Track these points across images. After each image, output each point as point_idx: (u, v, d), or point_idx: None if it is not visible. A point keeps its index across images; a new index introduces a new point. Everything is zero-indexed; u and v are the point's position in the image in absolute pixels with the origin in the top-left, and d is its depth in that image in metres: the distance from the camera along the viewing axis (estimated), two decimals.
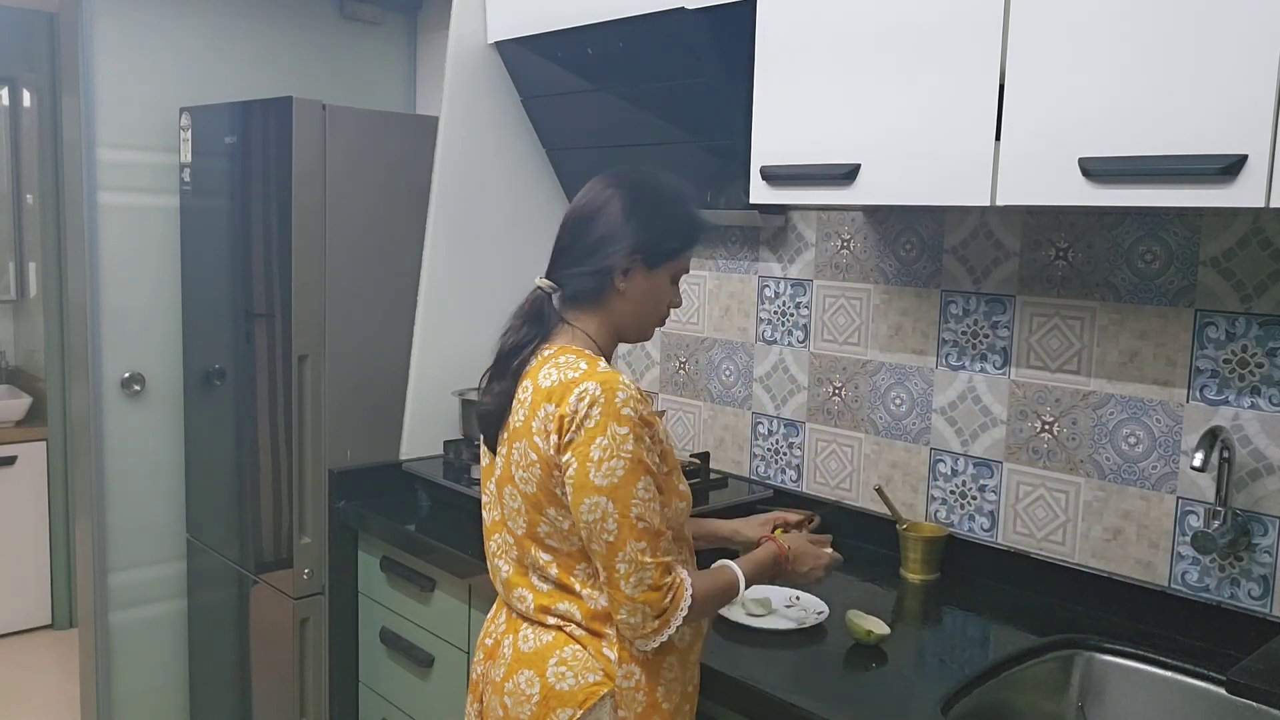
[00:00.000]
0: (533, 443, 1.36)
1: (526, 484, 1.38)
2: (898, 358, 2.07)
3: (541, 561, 1.41)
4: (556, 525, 1.37)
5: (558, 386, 1.34)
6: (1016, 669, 1.58)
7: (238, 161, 2.61)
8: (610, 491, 1.30)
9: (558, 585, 1.40)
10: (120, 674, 2.92)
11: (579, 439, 1.30)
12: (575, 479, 1.31)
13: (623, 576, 1.31)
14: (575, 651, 1.38)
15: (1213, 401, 1.66)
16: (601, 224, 1.40)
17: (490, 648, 1.50)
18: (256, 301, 2.59)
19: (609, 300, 1.43)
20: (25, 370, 4.35)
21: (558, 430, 1.32)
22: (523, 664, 1.41)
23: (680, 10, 1.94)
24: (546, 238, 2.61)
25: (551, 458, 1.34)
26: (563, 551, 1.39)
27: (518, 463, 1.39)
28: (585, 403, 1.30)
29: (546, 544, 1.40)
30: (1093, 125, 1.38)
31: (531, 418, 1.36)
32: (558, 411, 1.33)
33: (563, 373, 1.35)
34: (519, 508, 1.41)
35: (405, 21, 3.22)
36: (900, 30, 1.58)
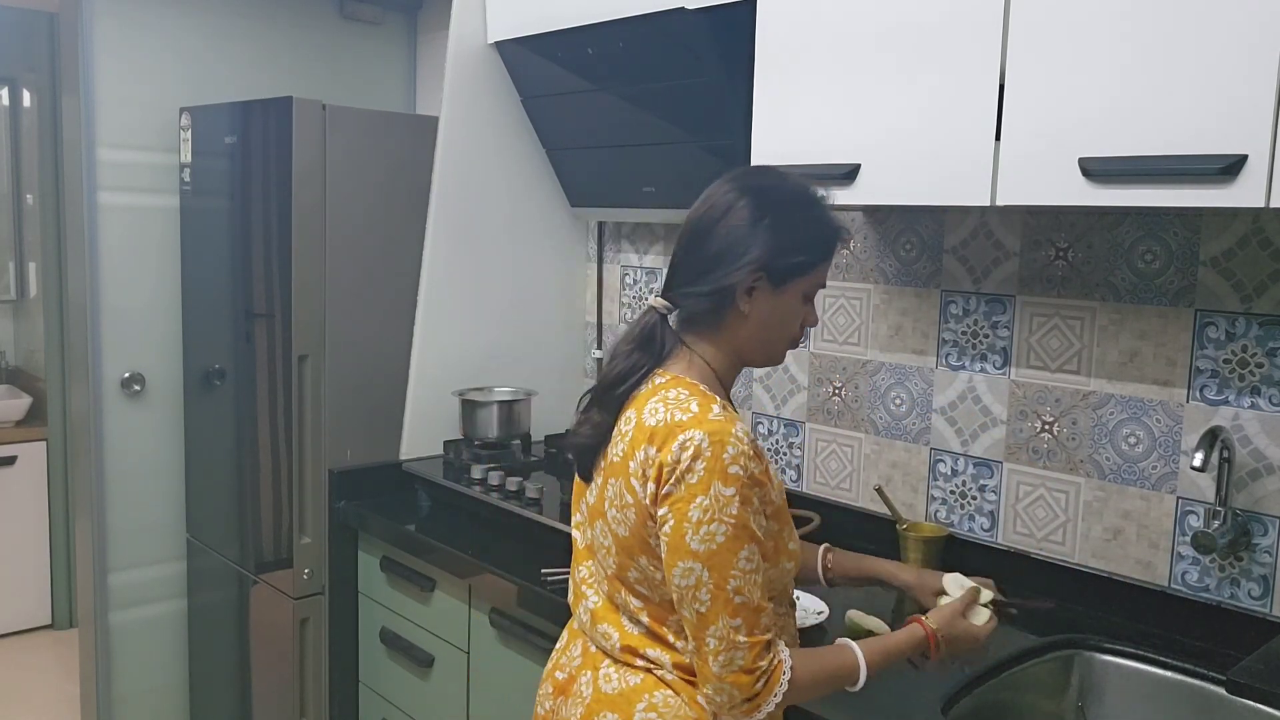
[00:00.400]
0: (629, 484, 1.22)
1: (619, 525, 1.25)
2: (898, 358, 2.07)
3: (633, 606, 1.28)
4: (647, 574, 1.24)
5: (662, 428, 1.19)
6: (1016, 669, 1.58)
7: (238, 161, 2.61)
8: (707, 559, 1.15)
9: (649, 632, 1.27)
10: (120, 674, 2.92)
11: (678, 494, 1.16)
12: (670, 539, 1.17)
13: (712, 653, 1.17)
14: (667, 697, 1.24)
15: (1213, 401, 1.66)
16: (721, 235, 1.23)
17: (562, 682, 1.37)
18: (256, 301, 2.59)
19: (730, 322, 1.26)
20: (25, 370, 4.35)
21: (656, 479, 1.18)
22: (604, 706, 1.27)
23: (680, 10, 1.94)
24: (546, 237, 2.64)
25: (647, 506, 1.20)
26: (654, 600, 1.26)
27: (612, 500, 1.26)
28: (689, 454, 1.15)
29: (636, 590, 1.27)
30: (1093, 125, 1.38)
31: (630, 456, 1.22)
32: (658, 458, 1.18)
33: (670, 412, 1.20)
34: (610, 546, 1.28)
35: (405, 21, 3.22)
36: (900, 30, 1.58)
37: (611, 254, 2.70)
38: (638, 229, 2.62)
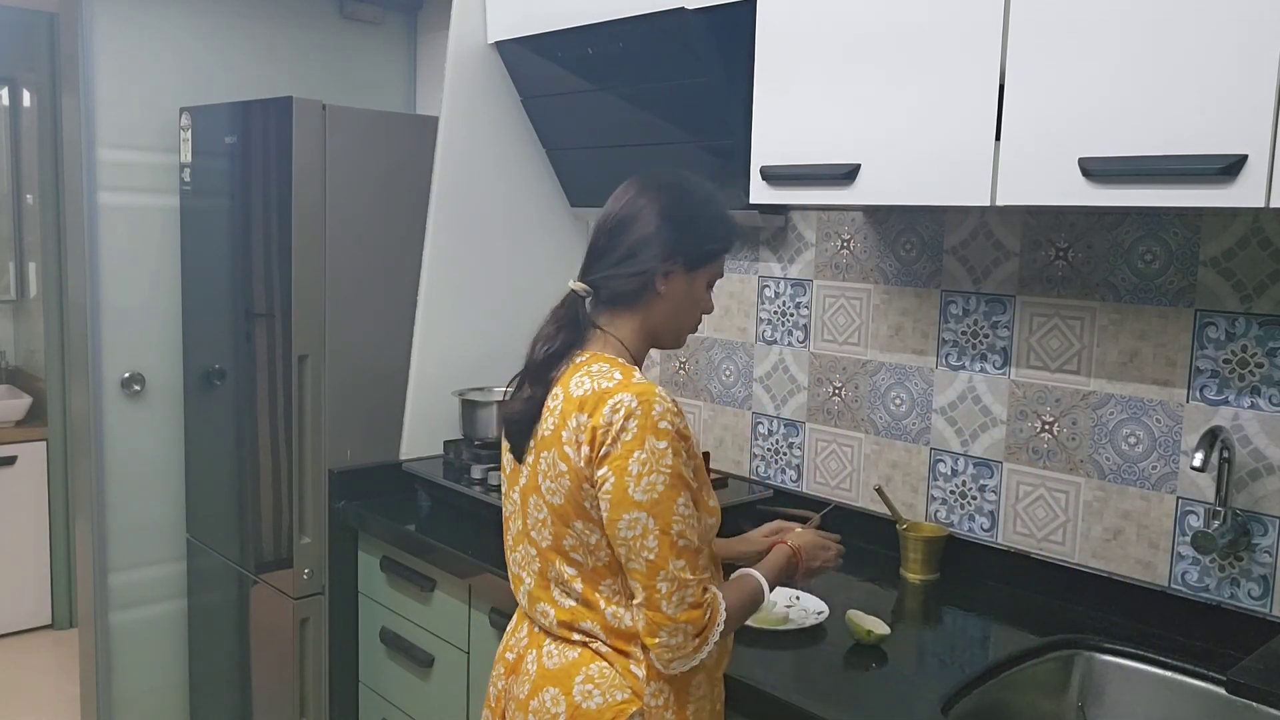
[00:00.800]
0: (562, 453, 1.32)
1: (553, 495, 1.34)
2: (898, 358, 2.07)
3: (566, 575, 1.36)
4: (583, 539, 1.33)
5: (590, 396, 1.30)
6: (1016, 669, 1.58)
7: (238, 161, 2.61)
8: (650, 507, 1.26)
9: (581, 601, 1.36)
10: (120, 674, 2.92)
11: (615, 452, 1.26)
12: (613, 494, 1.26)
13: (664, 596, 1.26)
14: (602, 669, 1.34)
15: (1213, 401, 1.66)
16: (641, 226, 1.37)
17: (512, 662, 1.46)
18: (256, 301, 2.59)
19: (647, 303, 1.39)
20: (25, 370, 4.35)
21: (590, 442, 1.28)
22: (548, 681, 1.36)
23: (680, 10, 1.94)
24: (546, 237, 2.64)
25: (582, 470, 1.29)
26: (588, 566, 1.34)
27: (545, 473, 1.35)
28: (620, 415, 1.26)
29: (571, 557, 1.35)
30: (1093, 125, 1.38)
31: (562, 427, 1.32)
32: (590, 423, 1.28)
33: (596, 382, 1.31)
34: (544, 519, 1.36)
35: (405, 21, 3.22)
36: (900, 30, 1.58)
37: None
38: None
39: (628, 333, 1.41)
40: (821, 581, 1.90)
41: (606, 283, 1.40)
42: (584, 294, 1.41)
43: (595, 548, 1.33)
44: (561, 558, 1.36)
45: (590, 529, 1.32)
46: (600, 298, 1.41)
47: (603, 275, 1.40)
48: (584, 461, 1.29)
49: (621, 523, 1.27)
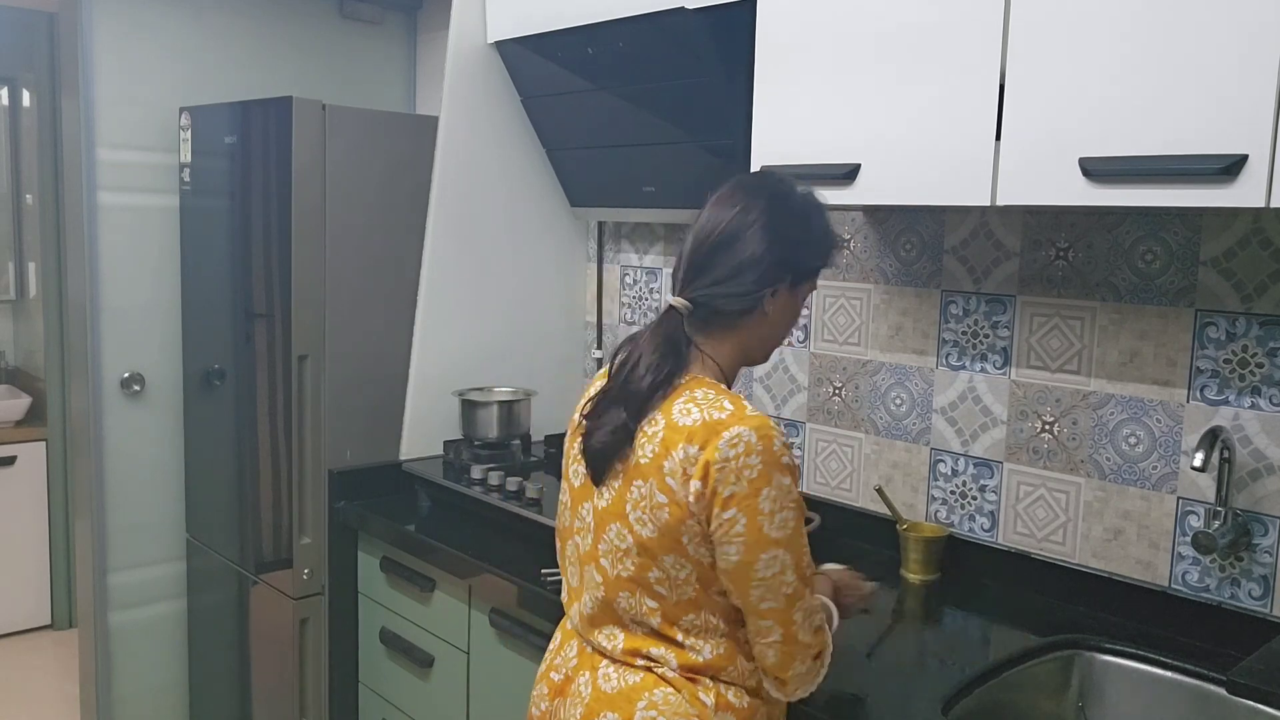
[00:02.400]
0: (664, 484, 1.25)
1: (643, 526, 1.27)
2: (898, 358, 2.07)
3: (644, 609, 1.30)
4: (670, 573, 1.27)
5: (700, 427, 1.23)
6: (1016, 669, 1.58)
7: (238, 161, 2.61)
8: (786, 544, 1.23)
9: (657, 633, 1.30)
10: (120, 674, 2.92)
11: (741, 492, 1.21)
12: (747, 535, 1.22)
13: (800, 626, 1.26)
14: (667, 695, 1.28)
15: (1213, 401, 1.66)
16: (749, 244, 1.30)
17: (559, 684, 1.39)
18: (256, 301, 2.59)
19: (751, 322, 1.33)
20: (25, 370, 4.35)
21: (703, 477, 1.22)
22: (605, 705, 1.30)
23: (680, 10, 1.94)
24: (546, 237, 2.64)
25: (689, 505, 1.23)
26: (671, 600, 1.28)
27: (637, 502, 1.27)
28: (741, 450, 1.21)
29: (655, 591, 1.29)
30: (1093, 125, 1.37)
31: (664, 457, 1.25)
32: (702, 456, 1.22)
33: (706, 411, 1.24)
34: (627, 549, 1.29)
35: (405, 21, 3.22)
36: (900, 30, 1.58)
37: (611, 254, 2.70)
38: (638, 229, 2.62)
39: (726, 353, 1.35)
40: None
41: (710, 300, 1.31)
42: (685, 311, 1.32)
43: (683, 583, 1.27)
44: (643, 590, 1.30)
45: (681, 564, 1.26)
46: (699, 315, 1.32)
47: (705, 293, 1.31)
48: (693, 497, 1.23)
49: (759, 563, 1.23)
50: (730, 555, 1.23)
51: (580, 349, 2.76)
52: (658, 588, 1.28)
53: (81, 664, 2.93)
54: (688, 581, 1.27)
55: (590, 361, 2.75)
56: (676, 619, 1.29)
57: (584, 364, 2.77)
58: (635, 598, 1.30)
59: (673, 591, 1.28)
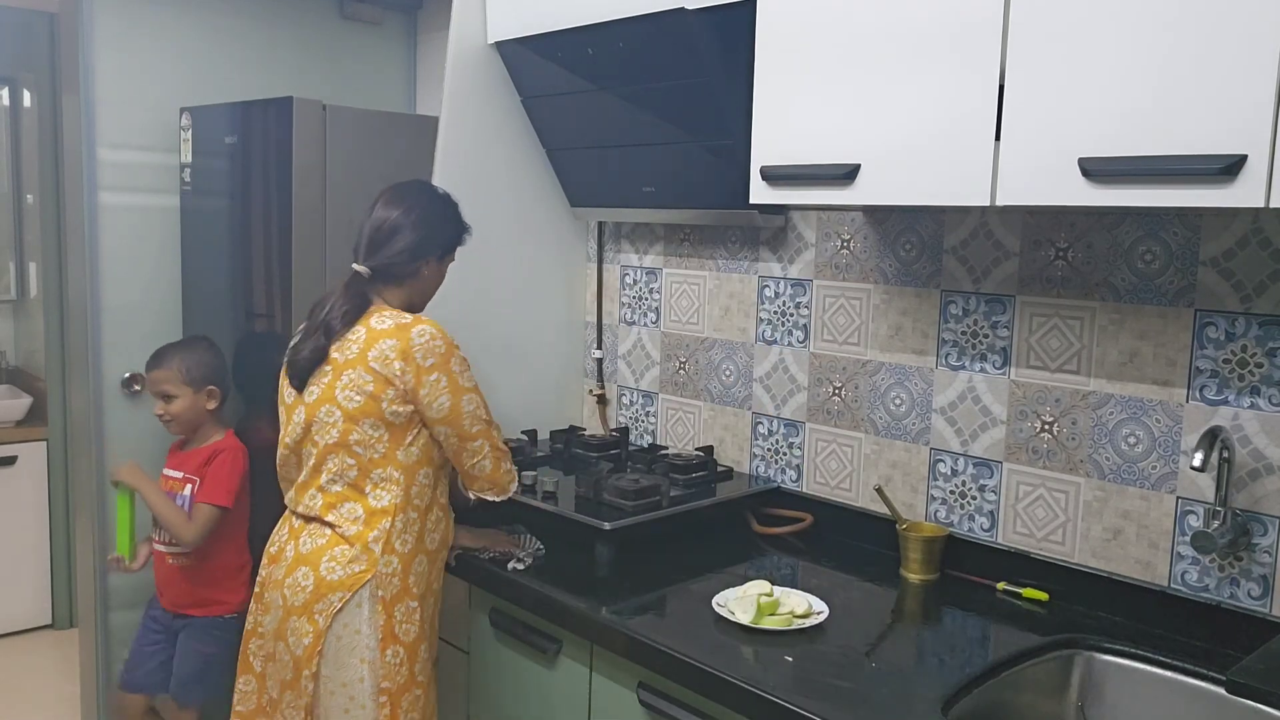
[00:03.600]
0: (368, 368, 1.77)
1: (349, 401, 1.78)
2: (898, 358, 2.08)
3: (345, 465, 1.80)
4: (366, 434, 1.79)
5: (394, 328, 1.79)
6: (1016, 669, 1.58)
7: (238, 161, 2.61)
8: (475, 391, 1.85)
9: (351, 485, 1.81)
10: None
11: (438, 361, 1.79)
12: (450, 387, 1.80)
13: (498, 438, 1.91)
14: (344, 549, 1.78)
15: (1212, 401, 1.66)
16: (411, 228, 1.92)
17: (274, 554, 1.88)
18: (256, 301, 2.59)
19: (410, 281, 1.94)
20: (25, 370, 4.35)
21: (403, 356, 1.76)
22: (301, 562, 1.80)
23: (680, 10, 1.94)
24: (546, 237, 2.64)
25: (393, 378, 1.76)
26: (365, 458, 1.79)
27: (344, 386, 1.79)
28: (427, 337, 1.79)
29: (353, 450, 1.79)
30: (1093, 125, 1.38)
31: (368, 349, 1.78)
32: (399, 345, 1.77)
33: (395, 320, 1.82)
34: (335, 421, 1.80)
35: (405, 21, 3.22)
36: (900, 30, 1.58)
37: (611, 254, 2.70)
38: (638, 229, 2.62)
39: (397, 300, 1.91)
40: (822, 581, 1.90)
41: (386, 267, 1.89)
42: (366, 274, 1.88)
43: (375, 441, 1.79)
44: (345, 450, 1.80)
45: (376, 425, 1.78)
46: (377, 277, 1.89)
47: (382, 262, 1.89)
48: (399, 371, 1.76)
49: (464, 401, 1.83)
50: (445, 404, 1.81)
51: (580, 349, 2.76)
52: (355, 447, 1.79)
53: (82, 664, 2.93)
54: (380, 440, 1.79)
55: (590, 361, 2.75)
56: (369, 471, 1.80)
57: (584, 364, 2.77)
58: (339, 458, 1.80)
59: (366, 450, 1.80)
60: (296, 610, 1.79)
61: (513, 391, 2.60)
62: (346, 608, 1.76)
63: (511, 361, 2.61)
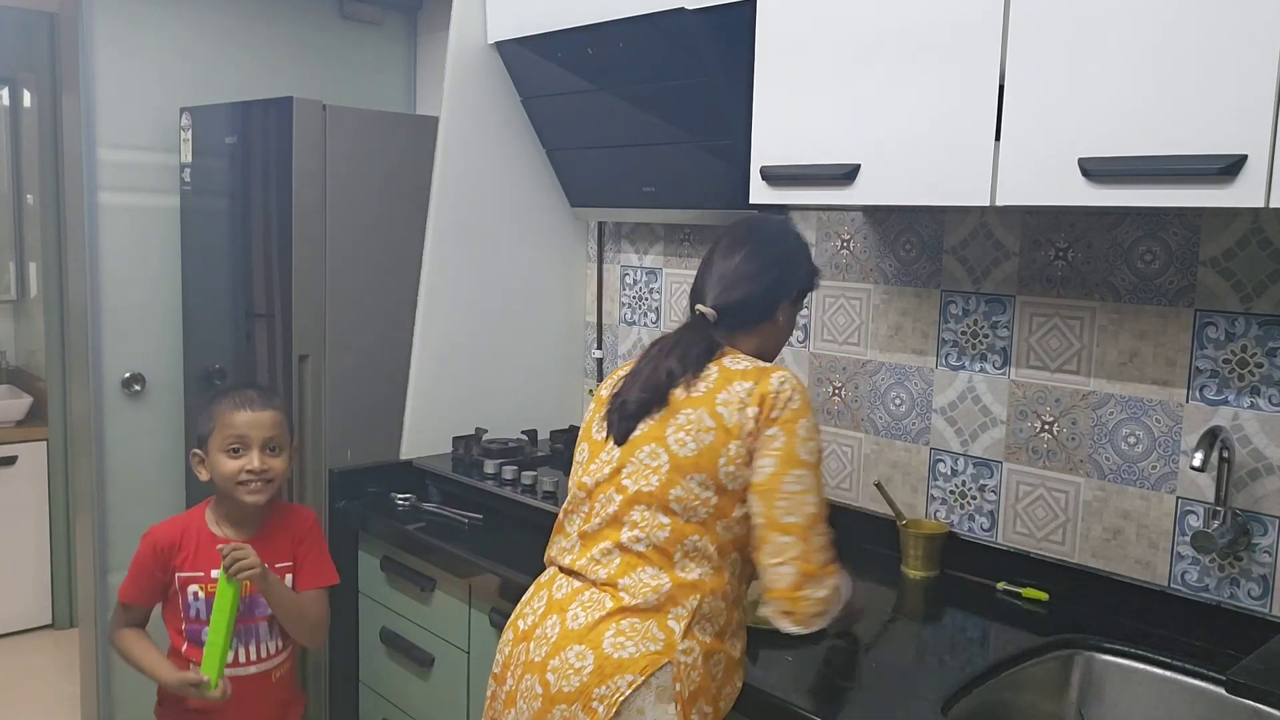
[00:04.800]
0: (714, 411, 1.44)
1: (683, 446, 1.44)
2: (898, 358, 2.08)
3: (656, 523, 1.43)
4: (690, 493, 1.42)
5: (753, 369, 1.47)
6: (1016, 669, 1.58)
7: (238, 161, 2.61)
8: (813, 468, 1.43)
9: (658, 549, 1.42)
10: (120, 674, 2.91)
11: (786, 416, 1.42)
12: (782, 451, 1.41)
13: (817, 549, 1.40)
14: (634, 623, 1.39)
15: (1212, 401, 1.66)
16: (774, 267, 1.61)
17: (525, 630, 1.47)
18: (256, 301, 2.59)
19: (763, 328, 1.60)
20: (25, 370, 4.35)
21: (759, 403, 1.43)
22: (572, 640, 1.40)
23: (680, 10, 1.94)
24: (547, 237, 2.64)
25: (740, 427, 1.42)
26: (681, 519, 1.43)
27: (681, 426, 1.45)
28: (789, 386, 1.44)
29: (669, 507, 1.43)
30: (1093, 125, 1.38)
31: (718, 390, 1.46)
32: (758, 389, 1.44)
33: (753, 362, 1.50)
34: (658, 465, 1.44)
35: (405, 21, 3.22)
36: (900, 30, 1.58)
37: (611, 254, 2.70)
38: (638, 229, 2.62)
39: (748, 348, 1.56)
40: None
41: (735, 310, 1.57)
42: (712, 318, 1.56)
43: (699, 505, 1.42)
44: (659, 506, 1.43)
45: (706, 484, 1.42)
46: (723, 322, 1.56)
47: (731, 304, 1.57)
48: (752, 421, 1.42)
49: (789, 477, 1.41)
50: (766, 467, 1.41)
51: (580, 349, 2.76)
52: (674, 505, 1.43)
53: (82, 664, 2.93)
54: (704, 504, 1.42)
55: (590, 361, 2.75)
56: (682, 537, 1.42)
57: (584, 364, 2.77)
58: (650, 512, 1.43)
59: (685, 511, 1.43)
60: (566, 698, 1.36)
61: (513, 391, 2.61)
62: (637, 694, 1.34)
63: (511, 361, 2.61)
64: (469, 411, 2.53)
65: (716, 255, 1.60)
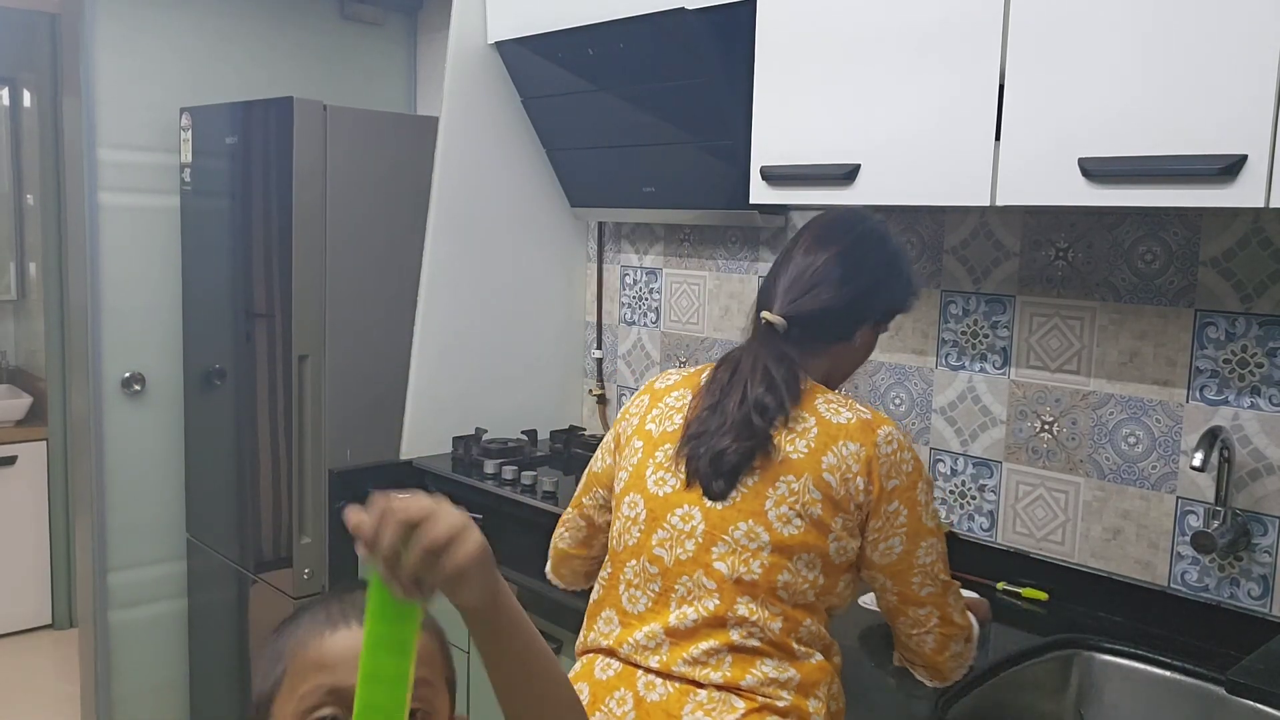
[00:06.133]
0: (820, 480, 1.23)
1: (786, 524, 1.23)
2: (897, 358, 2.08)
3: (766, 614, 1.23)
4: (798, 574, 1.24)
5: (856, 425, 1.26)
6: (1016, 669, 1.58)
7: (238, 161, 2.61)
8: (938, 533, 1.31)
9: (774, 644, 1.24)
10: (120, 674, 2.92)
11: (903, 484, 1.25)
12: (909, 525, 1.26)
13: (954, 608, 1.34)
14: None
15: (1212, 401, 1.66)
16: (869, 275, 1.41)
17: None
18: (256, 301, 2.59)
19: (836, 348, 1.40)
20: (25, 370, 4.35)
21: (867, 473, 1.23)
22: None
23: (680, 10, 1.94)
24: (547, 237, 2.64)
25: (849, 499, 1.24)
26: (790, 605, 1.25)
27: (782, 498, 1.23)
28: (895, 447, 1.26)
29: (777, 594, 1.24)
30: (1093, 125, 1.38)
31: (821, 453, 1.24)
32: (864, 453, 1.24)
33: (852, 411, 1.28)
34: (759, 548, 1.23)
35: (405, 21, 3.22)
36: (901, 30, 1.58)
37: (611, 254, 2.70)
38: (638, 229, 2.62)
39: (816, 371, 1.37)
40: None
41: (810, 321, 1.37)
42: (780, 328, 1.37)
43: (806, 588, 1.25)
44: (767, 595, 1.23)
45: (813, 563, 1.24)
46: (793, 333, 1.36)
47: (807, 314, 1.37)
48: (862, 493, 1.24)
49: (920, 550, 1.28)
50: (895, 547, 1.28)
51: (580, 349, 2.76)
52: (780, 592, 1.24)
53: (81, 664, 2.93)
54: (812, 585, 1.25)
55: (590, 361, 2.75)
56: (796, 626, 1.25)
57: (584, 364, 2.77)
58: (757, 603, 1.23)
59: (792, 597, 1.24)
60: None
61: (513, 391, 2.61)
62: None
63: (511, 361, 2.61)
64: (469, 411, 2.53)
65: (797, 250, 1.36)
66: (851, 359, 1.40)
